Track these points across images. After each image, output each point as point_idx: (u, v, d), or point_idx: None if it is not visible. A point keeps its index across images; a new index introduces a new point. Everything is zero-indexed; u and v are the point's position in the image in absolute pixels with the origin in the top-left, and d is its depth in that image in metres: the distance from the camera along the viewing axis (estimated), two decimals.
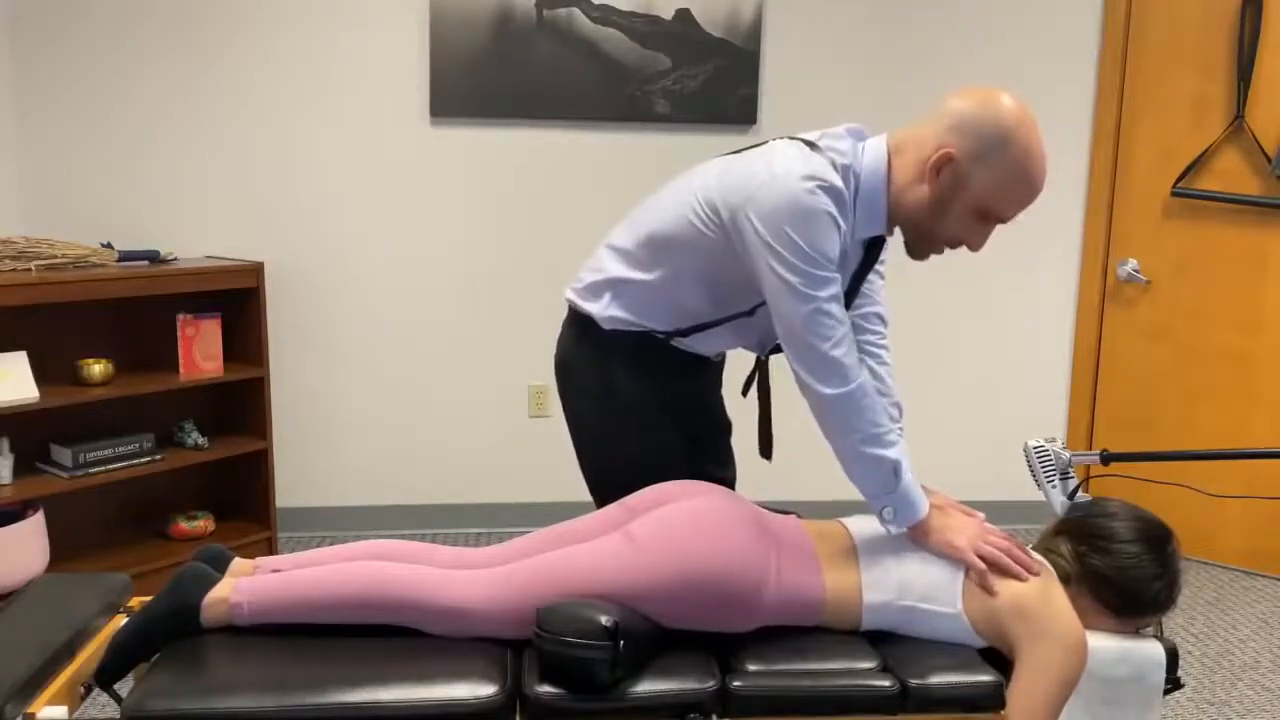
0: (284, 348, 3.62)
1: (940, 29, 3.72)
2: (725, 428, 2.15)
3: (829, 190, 1.68)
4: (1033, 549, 1.79)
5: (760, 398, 2.05)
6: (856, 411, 1.71)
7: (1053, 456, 2.23)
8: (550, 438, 3.80)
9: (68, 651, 1.63)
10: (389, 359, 3.69)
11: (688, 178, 1.88)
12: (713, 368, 2.07)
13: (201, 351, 3.21)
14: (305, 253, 3.59)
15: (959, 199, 1.70)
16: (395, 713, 1.50)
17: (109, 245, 3.18)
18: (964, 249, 1.81)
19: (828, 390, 1.70)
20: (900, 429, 1.89)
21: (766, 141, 1.83)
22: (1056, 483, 2.22)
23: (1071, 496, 2.17)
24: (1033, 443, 2.26)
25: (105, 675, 1.63)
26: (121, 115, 3.42)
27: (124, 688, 1.82)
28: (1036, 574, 1.66)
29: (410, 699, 1.51)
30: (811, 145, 1.76)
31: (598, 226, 3.67)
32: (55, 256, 2.96)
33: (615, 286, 1.92)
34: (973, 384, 3.93)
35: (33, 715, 1.48)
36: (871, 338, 1.98)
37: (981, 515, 1.76)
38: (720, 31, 3.59)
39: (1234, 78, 3.49)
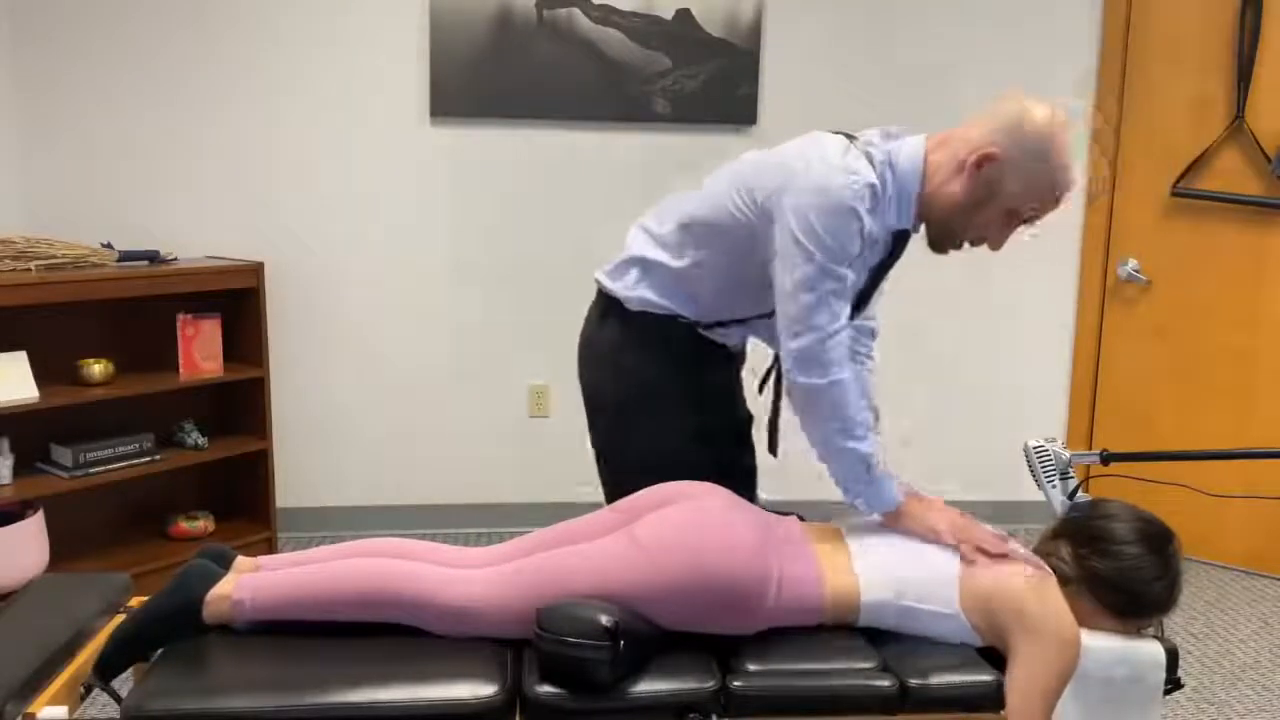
0: (284, 348, 3.62)
1: (940, 29, 3.71)
2: (749, 417, 2.15)
3: (864, 185, 1.71)
4: (1033, 551, 1.79)
5: (775, 394, 2.05)
6: (835, 404, 1.74)
7: (1053, 456, 2.23)
8: (550, 438, 3.79)
9: (68, 651, 1.63)
10: (389, 359, 3.69)
11: (728, 170, 1.89)
12: (735, 357, 2.08)
13: (201, 351, 3.21)
14: (305, 253, 3.58)
15: (995, 199, 1.74)
16: (395, 713, 1.50)
17: (109, 245, 3.18)
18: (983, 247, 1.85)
19: (812, 380, 1.74)
20: (877, 434, 1.89)
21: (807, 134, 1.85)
22: (1056, 483, 2.22)
23: (1071, 496, 2.17)
24: (1033, 443, 2.26)
25: (104, 669, 1.63)
26: (121, 116, 3.42)
27: (124, 688, 1.82)
28: (1007, 554, 1.67)
29: (410, 699, 1.51)
30: (850, 138, 1.78)
31: (598, 226, 3.67)
32: (55, 256, 2.96)
33: (642, 265, 1.92)
34: (973, 383, 3.93)
35: (33, 715, 1.47)
36: (859, 348, 2.02)
37: (970, 516, 1.78)
38: (720, 31, 3.58)
39: (1234, 78, 3.49)
